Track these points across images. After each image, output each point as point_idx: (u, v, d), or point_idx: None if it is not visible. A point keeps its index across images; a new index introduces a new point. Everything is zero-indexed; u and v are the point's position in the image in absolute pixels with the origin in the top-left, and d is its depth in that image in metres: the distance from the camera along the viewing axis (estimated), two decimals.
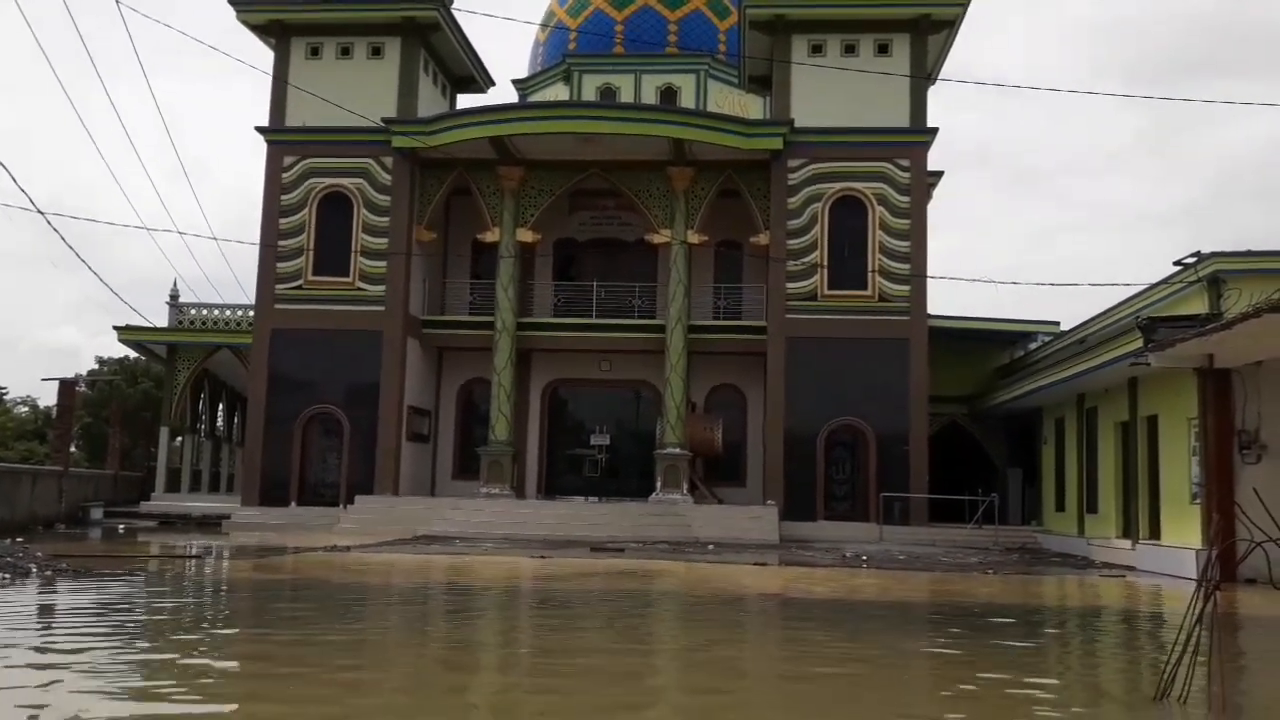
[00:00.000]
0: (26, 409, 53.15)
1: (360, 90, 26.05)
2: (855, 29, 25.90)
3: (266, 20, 26.81)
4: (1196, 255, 17.69)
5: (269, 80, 26.90)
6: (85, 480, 28.18)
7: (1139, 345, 16.77)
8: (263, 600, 11.73)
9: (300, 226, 26.45)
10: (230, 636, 9.12)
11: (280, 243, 26.37)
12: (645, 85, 33.24)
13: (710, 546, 21.10)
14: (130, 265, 70.89)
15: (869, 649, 9.06)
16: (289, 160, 26.67)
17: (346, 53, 27.01)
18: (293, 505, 25.52)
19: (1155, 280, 19.71)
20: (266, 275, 26.44)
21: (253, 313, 27.28)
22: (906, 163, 25.48)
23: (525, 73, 36.61)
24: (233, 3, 26.66)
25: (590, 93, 33.24)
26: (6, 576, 12.01)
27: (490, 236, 26.72)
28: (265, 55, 27.58)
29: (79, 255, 20.48)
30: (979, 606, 12.38)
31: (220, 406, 34.49)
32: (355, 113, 25.01)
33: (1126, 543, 19.74)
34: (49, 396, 50.28)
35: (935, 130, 25.58)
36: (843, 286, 25.25)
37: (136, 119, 30.11)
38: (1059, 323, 27.19)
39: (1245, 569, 13.64)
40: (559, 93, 34.05)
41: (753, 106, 32.62)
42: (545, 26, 36.05)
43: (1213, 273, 17.44)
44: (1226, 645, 8.14)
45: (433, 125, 25.87)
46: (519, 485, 26.99)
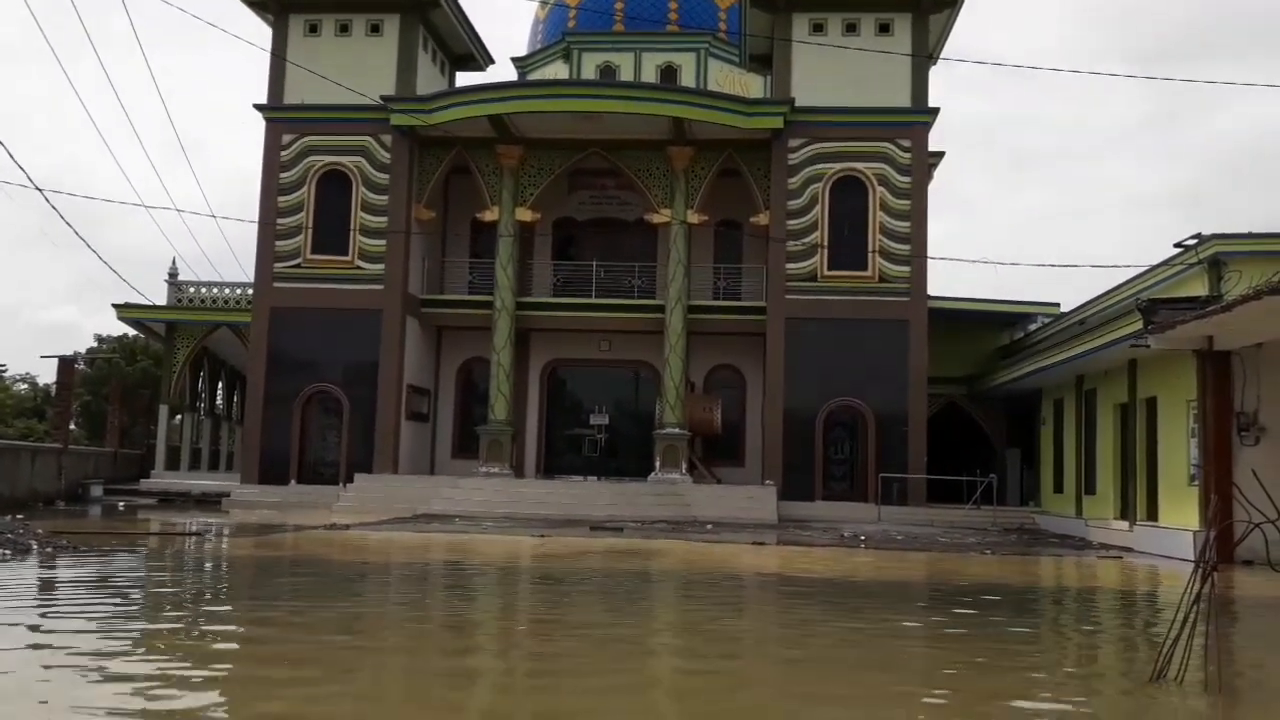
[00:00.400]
0: (26, 386, 53.21)
1: (359, 68, 25.91)
2: (857, 7, 25.74)
3: None
4: (1197, 237, 17.65)
5: (267, 58, 26.74)
6: (85, 458, 28.21)
7: (1139, 327, 16.76)
8: (263, 577, 11.77)
9: (299, 205, 26.37)
10: (229, 613, 9.15)
11: (279, 221, 26.29)
12: (645, 64, 33.08)
13: (709, 526, 21.16)
14: (128, 244, 70.81)
15: (866, 626, 9.10)
16: (287, 138, 26.56)
17: (345, 30, 26.84)
18: (292, 483, 25.57)
19: (1156, 262, 19.70)
20: (265, 254, 26.37)
21: (252, 291, 27.24)
22: (908, 143, 25.38)
23: (525, 51, 36.43)
24: None
25: (590, 71, 33.08)
26: (7, 553, 12.05)
27: (489, 215, 26.65)
28: (264, 32, 27.41)
29: (77, 233, 20.46)
30: (976, 586, 12.42)
31: (220, 385, 34.50)
32: (354, 90, 24.88)
33: (1124, 524, 19.80)
34: (48, 374, 50.32)
35: (936, 110, 25.47)
36: (843, 267, 25.21)
37: (134, 97, 29.96)
38: (1059, 304, 27.22)
39: (1243, 550, 13.68)
40: (558, 71, 33.89)
41: (753, 85, 32.48)
42: (545, 4, 35.87)
43: (1213, 255, 17.41)
44: (1223, 626, 8.17)
45: (432, 103, 25.75)
46: (518, 465, 27.03)
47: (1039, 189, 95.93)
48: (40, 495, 24.08)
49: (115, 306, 29.49)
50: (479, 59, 30.48)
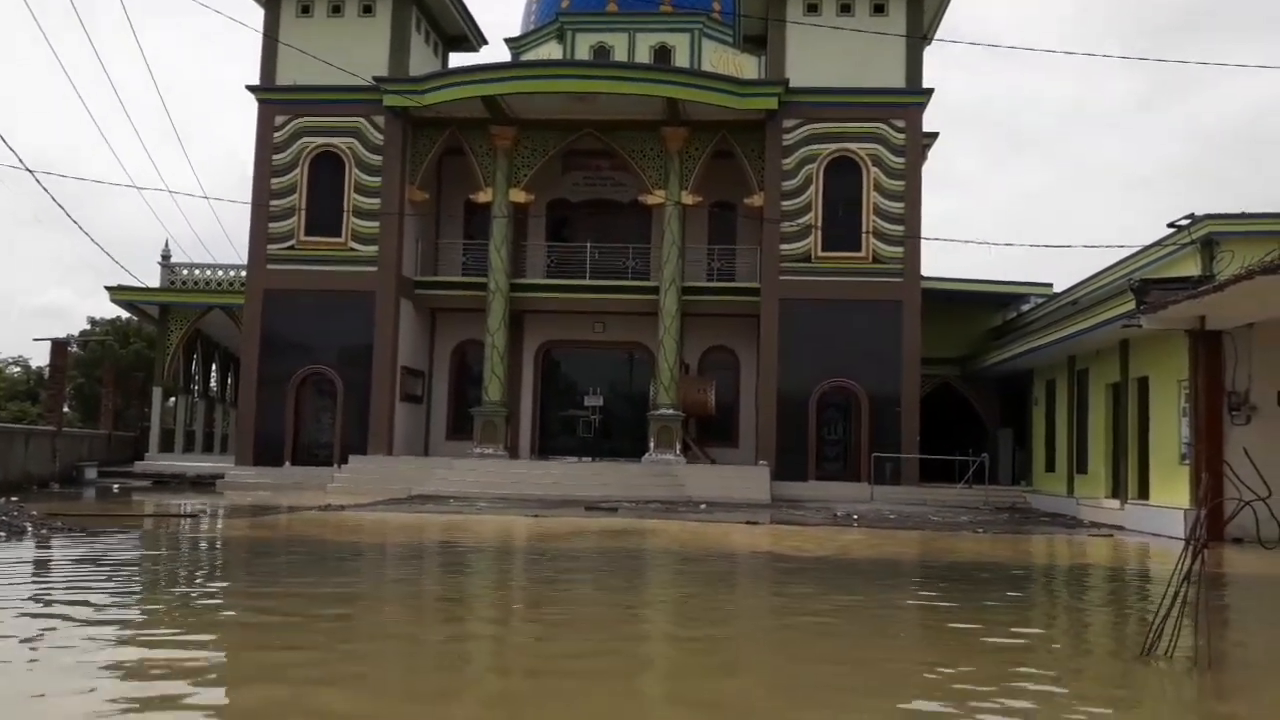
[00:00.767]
0: (19, 369, 53.04)
1: (351, 49, 25.78)
2: None
3: None
4: (1190, 217, 17.70)
5: (259, 39, 26.59)
6: (79, 440, 28.19)
7: (1131, 307, 16.82)
8: (258, 557, 11.81)
9: (292, 186, 26.28)
10: (225, 592, 9.18)
11: (272, 203, 26.22)
12: (639, 44, 32.96)
13: (703, 506, 21.25)
14: (120, 225, 70.48)
15: (859, 601, 9.17)
16: (280, 119, 26.44)
17: (338, 10, 26.69)
18: (287, 465, 25.60)
19: (1149, 242, 19.75)
20: (258, 235, 26.31)
21: (245, 273, 27.17)
22: (902, 123, 25.35)
23: (518, 31, 36.26)
24: None
25: (584, 52, 32.94)
26: (2, 535, 12.07)
27: (483, 197, 26.59)
28: (256, 13, 27.21)
29: (69, 215, 20.38)
30: (968, 564, 12.51)
31: (213, 367, 34.43)
32: (346, 70, 24.76)
33: (1115, 502, 19.93)
34: (41, 357, 50.15)
35: (931, 91, 25.43)
36: (837, 248, 25.22)
37: (125, 78, 29.80)
38: (1052, 284, 27.28)
39: (1233, 528, 13.81)
40: (552, 52, 33.73)
41: (748, 66, 32.37)
42: None
43: (1206, 235, 17.46)
44: (1213, 602, 8.25)
45: (425, 84, 25.64)
46: (513, 446, 27.07)
47: (1033, 169, 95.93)
48: (34, 478, 24.08)
49: (108, 289, 29.42)
50: (472, 40, 30.34)
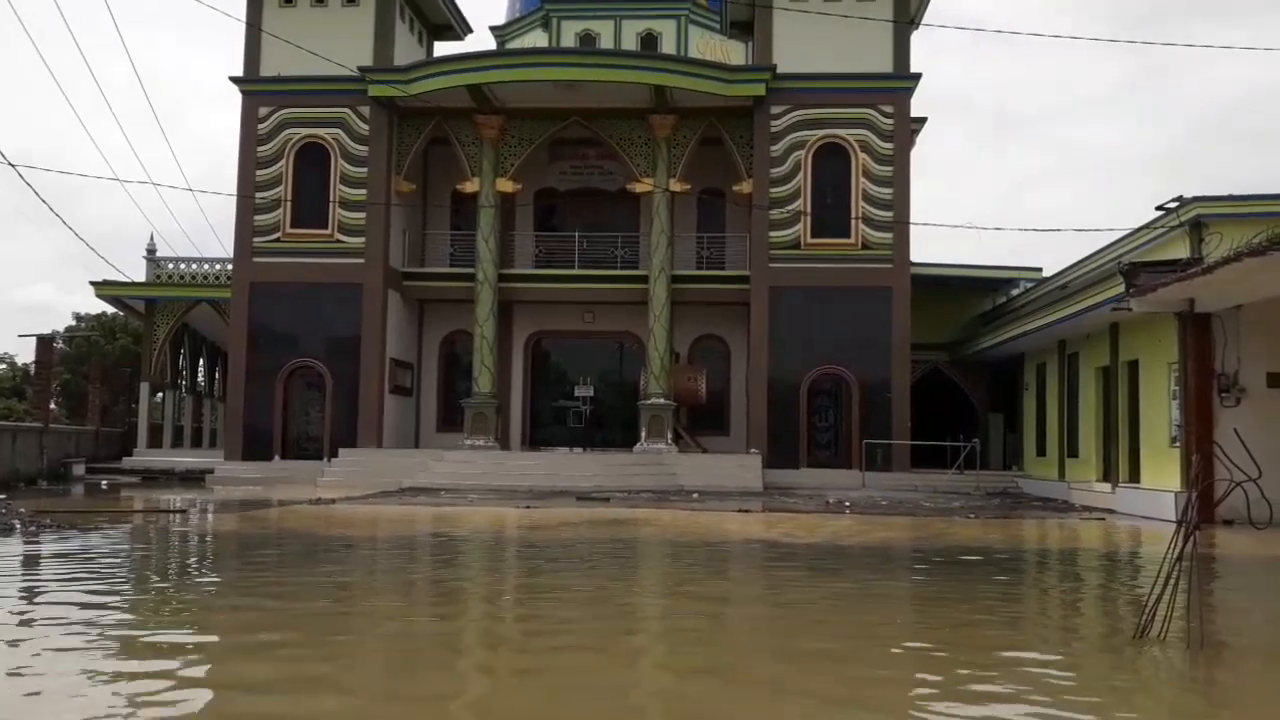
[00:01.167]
0: (4, 366, 52.72)
1: (335, 38, 25.57)
2: None
3: None
4: (1178, 200, 17.69)
5: (242, 29, 26.35)
6: (66, 436, 28.02)
7: (1120, 290, 16.84)
8: (249, 551, 11.73)
9: (277, 178, 26.11)
10: (216, 584, 9.11)
11: (258, 195, 26.03)
12: (625, 31, 32.81)
13: (695, 495, 21.23)
14: (105, 220, 69.99)
15: (852, 586, 9.15)
16: (264, 111, 26.24)
17: (321, 0, 26.47)
18: (276, 459, 25.49)
19: (1137, 225, 19.75)
20: (244, 228, 26.13)
21: (231, 266, 27.00)
22: (890, 109, 25.29)
23: (503, 19, 36.07)
24: None
25: (569, 39, 32.78)
26: None
27: (470, 187, 26.45)
28: (239, 2, 26.99)
29: (53, 209, 20.20)
30: (960, 549, 12.51)
31: (201, 361, 34.28)
32: (331, 60, 24.55)
33: (1106, 486, 19.98)
34: (26, 353, 49.89)
35: (918, 76, 25.36)
36: (826, 235, 25.17)
37: (107, 71, 29.53)
38: (1041, 269, 27.34)
39: (1224, 510, 13.83)
40: (538, 39, 33.57)
41: (735, 53, 32.26)
42: None
43: (1194, 217, 17.45)
44: (1205, 584, 8.26)
45: (410, 74, 25.46)
46: (503, 437, 27.02)
47: (1021, 153, 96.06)
48: (22, 475, 23.93)
49: (93, 284, 29.21)
50: (457, 28, 30.14)
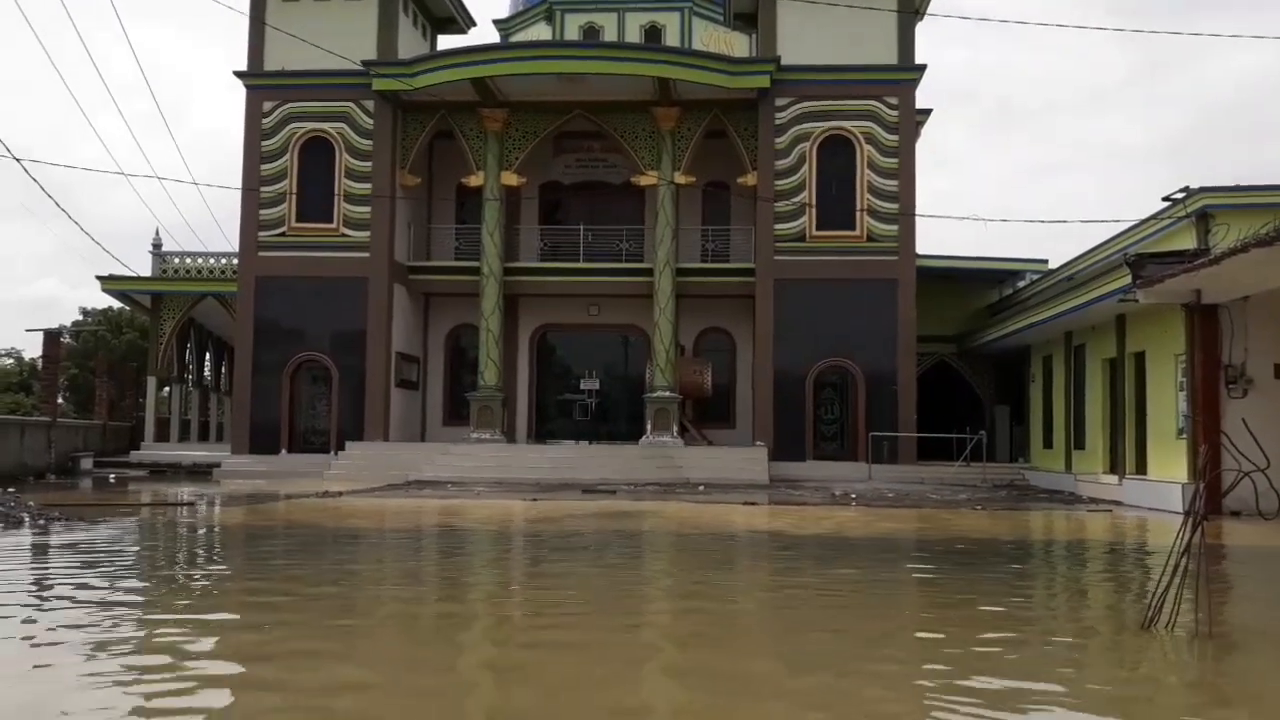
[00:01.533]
0: (11, 361, 52.86)
1: (339, 32, 25.55)
2: None
3: None
4: (1185, 190, 17.65)
5: (246, 23, 26.34)
6: (74, 431, 28.10)
7: (1127, 282, 16.81)
8: (258, 543, 11.77)
9: (282, 173, 26.13)
10: (225, 576, 9.14)
11: (262, 189, 26.05)
12: (629, 24, 32.75)
13: (701, 487, 21.25)
14: (110, 215, 70.13)
15: (859, 577, 9.15)
16: (269, 105, 26.25)
17: None
18: (283, 453, 25.54)
19: (1144, 216, 19.69)
20: (250, 222, 26.16)
21: (237, 261, 27.03)
22: (895, 100, 25.23)
23: (507, 12, 35.99)
24: None
25: (573, 32, 32.73)
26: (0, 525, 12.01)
27: (474, 180, 26.45)
28: None
29: (58, 204, 20.22)
30: (968, 540, 12.51)
31: (207, 355, 34.35)
32: (335, 53, 24.54)
33: (1113, 478, 19.96)
34: (34, 348, 49.99)
35: (924, 67, 25.29)
36: (831, 227, 25.13)
37: (112, 64, 29.55)
38: (1047, 261, 27.23)
39: (1231, 501, 13.82)
40: (541, 33, 33.50)
41: (739, 44, 32.18)
42: None
43: (1201, 208, 17.41)
44: (1213, 574, 8.24)
45: (414, 67, 25.44)
46: (509, 430, 27.04)
47: (1027, 144, 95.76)
48: (30, 469, 24.01)
49: (99, 279, 29.25)
50: (460, 21, 30.10)
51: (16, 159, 17.69)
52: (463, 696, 5.15)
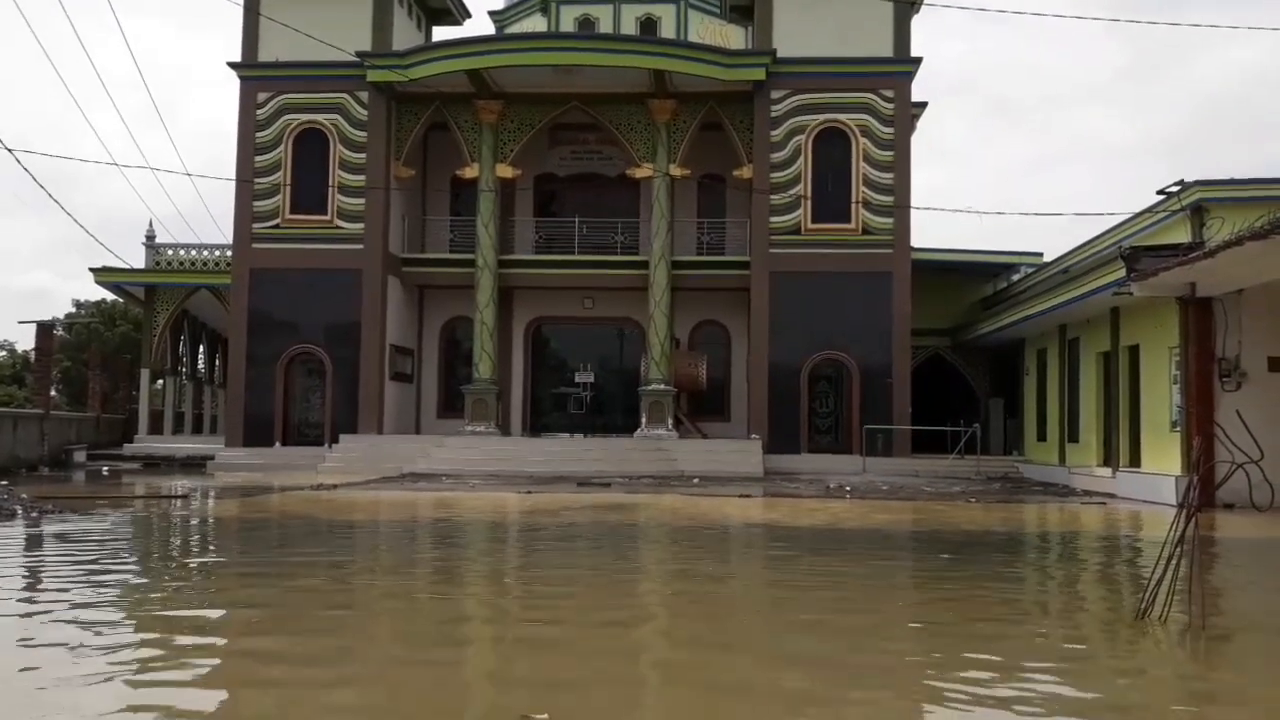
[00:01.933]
0: (4, 354, 52.74)
1: (334, 23, 25.45)
2: None
3: None
4: (1180, 184, 17.66)
5: (240, 14, 26.24)
6: (67, 423, 28.03)
7: (1121, 275, 16.83)
8: (251, 534, 11.75)
9: (276, 164, 26.05)
10: (219, 566, 9.12)
11: (256, 181, 25.98)
12: (624, 16, 32.65)
13: (696, 480, 21.26)
14: (103, 206, 69.86)
15: (853, 569, 9.16)
16: (263, 96, 26.17)
17: None
18: (277, 445, 25.51)
19: (1139, 210, 19.71)
20: (243, 214, 26.09)
21: (230, 252, 26.96)
22: (890, 93, 25.21)
23: (502, 4, 35.86)
24: None
25: (568, 24, 32.63)
26: None
27: (469, 172, 26.39)
28: None
29: (51, 195, 20.16)
30: (961, 533, 12.53)
31: (201, 348, 34.29)
32: (328, 44, 24.45)
33: (1107, 471, 20.00)
34: (27, 340, 49.88)
35: (919, 60, 25.27)
36: (826, 220, 25.12)
37: (105, 56, 29.43)
38: (1042, 254, 27.28)
39: (1225, 493, 13.85)
40: (536, 24, 33.40)
41: (734, 37, 32.12)
42: None
43: (1196, 201, 17.42)
44: (1206, 566, 8.26)
45: (408, 58, 25.36)
46: (504, 423, 27.03)
47: (1022, 137, 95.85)
48: (23, 462, 23.96)
49: (93, 271, 29.19)
50: (455, 13, 30.02)
51: (9, 149, 17.62)
52: (454, 690, 5.14)
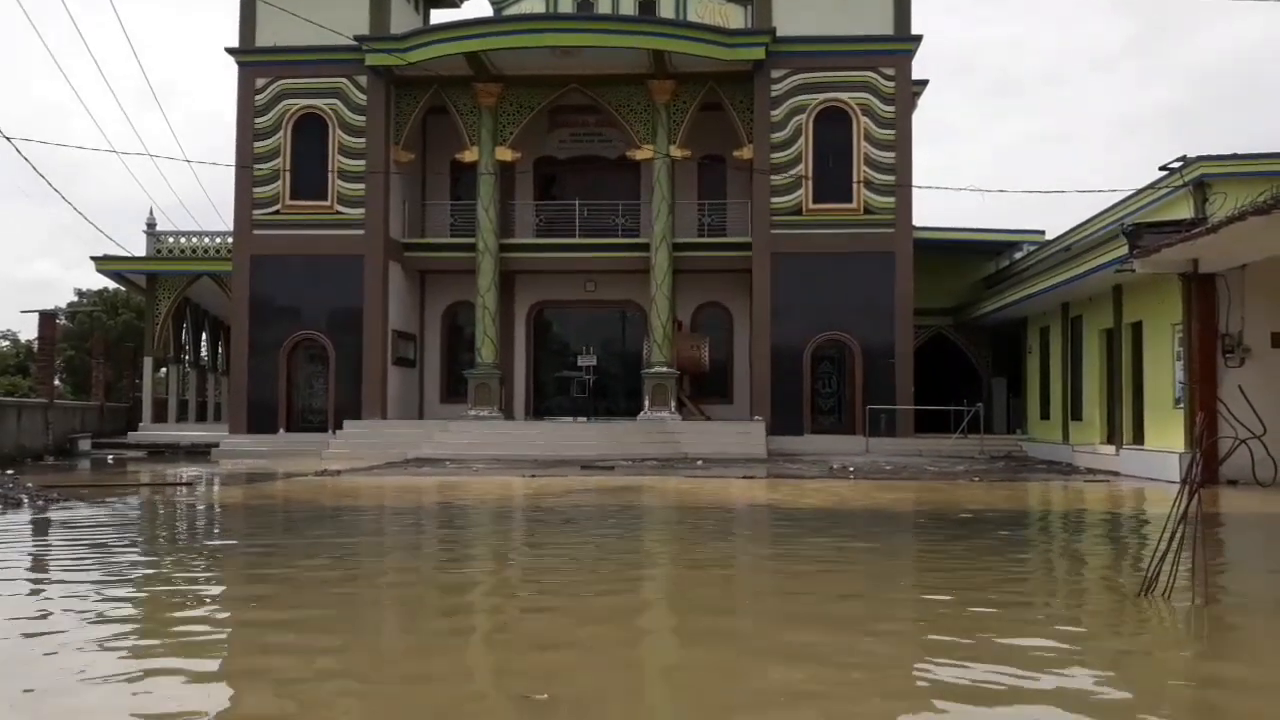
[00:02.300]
0: (8, 343, 52.80)
1: (332, 7, 25.31)
2: None
3: None
4: (1182, 160, 17.58)
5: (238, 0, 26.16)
6: (71, 412, 28.09)
7: (1124, 252, 16.79)
8: (258, 520, 11.78)
9: (275, 150, 25.99)
10: (227, 551, 9.15)
11: (256, 167, 25.92)
12: None
13: (699, 462, 21.29)
14: (104, 195, 69.81)
15: (858, 548, 9.18)
16: (261, 82, 26.08)
17: None
18: (281, 432, 25.56)
19: (1141, 186, 19.64)
20: (244, 200, 26.05)
21: (231, 239, 26.94)
22: (891, 71, 25.09)
23: None
24: None
25: (567, 5, 32.40)
26: None
27: (469, 156, 26.32)
28: None
29: (50, 184, 20.12)
30: (965, 511, 12.54)
31: (203, 335, 34.31)
32: (326, 27, 24.34)
33: (1110, 448, 20.00)
34: (30, 330, 49.92)
35: (920, 38, 25.13)
36: (828, 200, 25.05)
37: (103, 44, 29.31)
38: (1044, 231, 27.24)
39: (1229, 469, 13.86)
40: (535, 5, 33.17)
41: (734, 16, 31.89)
42: None
43: (1198, 177, 17.34)
44: (1209, 542, 8.26)
45: (407, 42, 25.25)
46: (507, 407, 27.06)
47: (1024, 115, 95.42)
48: (28, 451, 24.02)
49: (94, 259, 29.17)
50: None
51: (7, 138, 17.58)
52: (459, 673, 5.16)
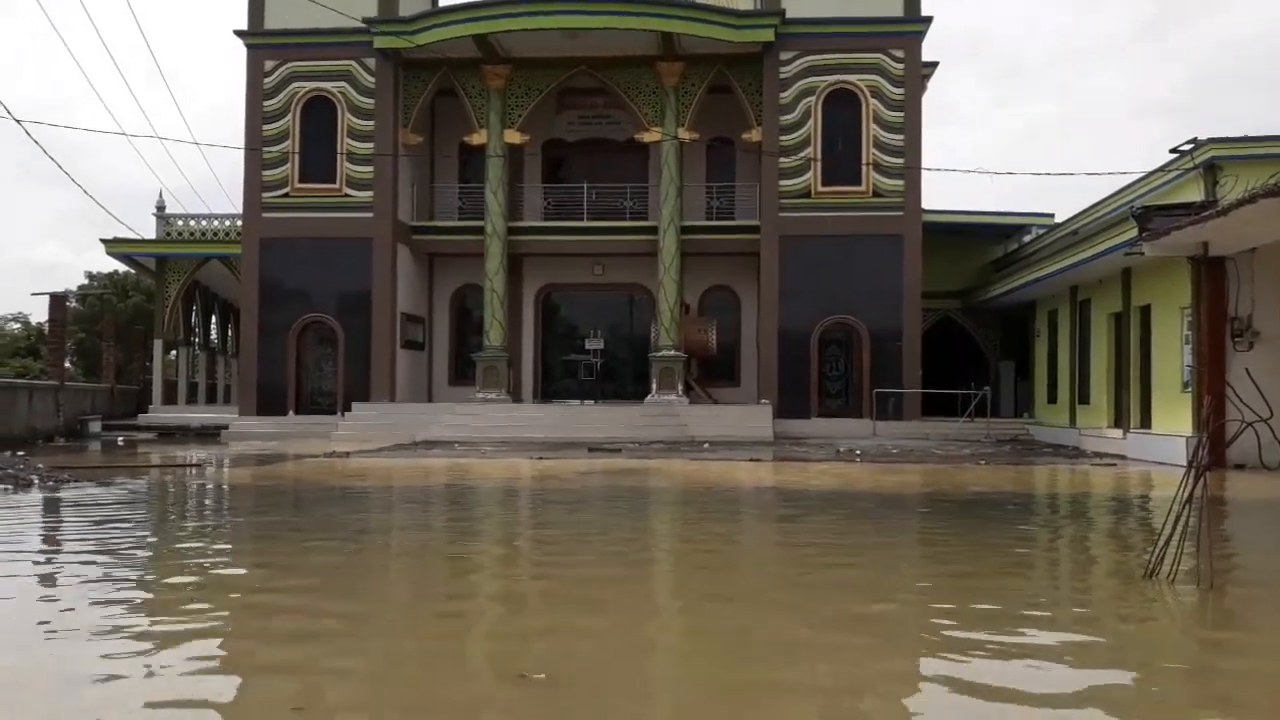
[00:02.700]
0: (19, 326, 53.02)
1: None
2: None
3: None
4: (1193, 142, 17.51)
5: None
6: (82, 394, 28.24)
7: (1133, 235, 16.74)
8: (270, 500, 11.87)
9: (284, 133, 26.01)
10: (238, 529, 9.23)
11: (265, 149, 25.95)
12: None
13: (706, 445, 21.33)
14: (114, 178, 69.93)
15: (863, 529, 9.21)
16: (270, 65, 26.08)
17: None
18: (290, 414, 25.69)
19: (1151, 169, 19.56)
20: (253, 183, 26.09)
21: (241, 222, 27.00)
22: (901, 54, 24.97)
23: None
24: None
25: None
26: (9, 488, 12.12)
27: (477, 139, 26.30)
28: None
29: (60, 166, 20.17)
30: (971, 494, 12.57)
31: (213, 318, 34.44)
32: (335, 9, 24.30)
33: (1117, 432, 19.99)
34: (40, 312, 50.12)
35: (930, 19, 25.00)
36: (836, 182, 24.99)
37: (113, 26, 29.31)
38: (1053, 214, 27.14)
39: (1235, 454, 13.84)
40: None
41: None
42: None
43: (1209, 159, 17.28)
44: (1215, 525, 8.28)
45: (415, 24, 25.22)
46: (515, 390, 27.13)
47: (1034, 98, 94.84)
48: (39, 432, 24.18)
49: (104, 242, 29.27)
50: None
51: (16, 120, 17.65)
52: (466, 653, 5.22)
